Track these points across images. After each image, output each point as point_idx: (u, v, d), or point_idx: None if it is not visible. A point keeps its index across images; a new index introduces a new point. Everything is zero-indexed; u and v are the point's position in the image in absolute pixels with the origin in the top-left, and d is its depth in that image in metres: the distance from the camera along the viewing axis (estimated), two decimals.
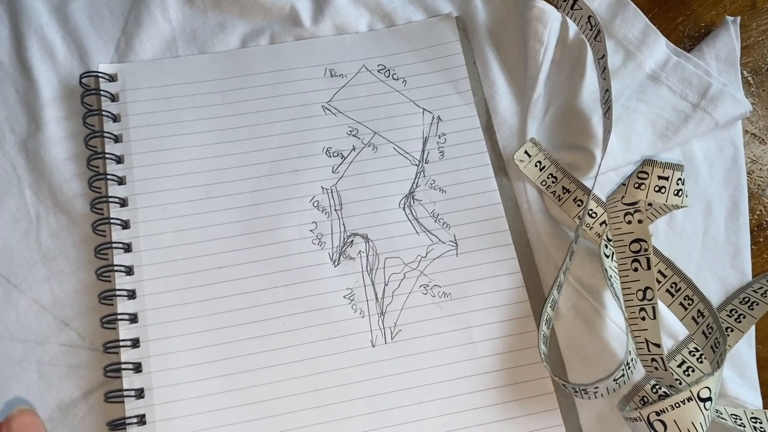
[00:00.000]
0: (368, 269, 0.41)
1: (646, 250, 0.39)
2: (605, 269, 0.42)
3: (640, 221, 0.40)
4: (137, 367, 0.38)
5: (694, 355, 0.41)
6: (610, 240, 0.43)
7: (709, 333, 0.39)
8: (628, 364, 0.39)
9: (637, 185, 0.39)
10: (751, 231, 0.45)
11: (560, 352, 0.41)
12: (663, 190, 0.39)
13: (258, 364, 0.39)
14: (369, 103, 0.45)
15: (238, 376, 0.38)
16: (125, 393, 0.37)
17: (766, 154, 0.48)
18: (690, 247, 0.44)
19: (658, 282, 0.42)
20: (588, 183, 0.44)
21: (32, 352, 0.40)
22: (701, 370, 0.41)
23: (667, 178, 0.39)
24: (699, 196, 0.45)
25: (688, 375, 0.41)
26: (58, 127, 0.44)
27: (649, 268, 0.39)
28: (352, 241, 0.42)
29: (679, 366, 0.41)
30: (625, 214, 0.40)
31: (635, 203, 0.39)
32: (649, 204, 0.41)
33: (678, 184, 0.39)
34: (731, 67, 0.48)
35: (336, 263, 0.41)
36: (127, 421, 0.37)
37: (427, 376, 0.39)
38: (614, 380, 0.38)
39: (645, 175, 0.39)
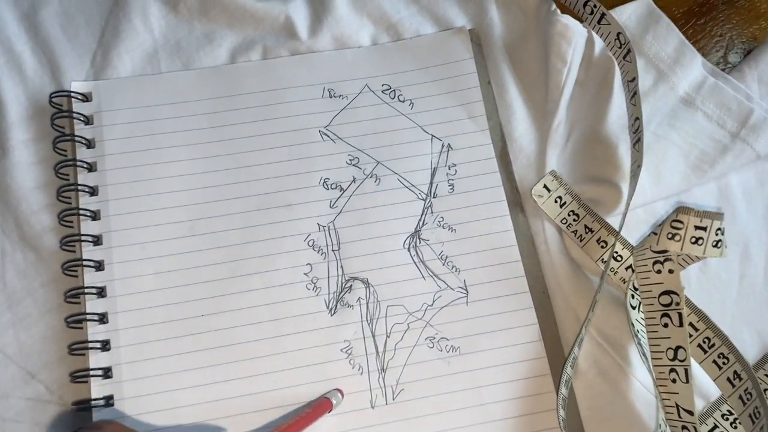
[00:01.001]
0: (368, 319, 0.37)
1: (677, 304, 0.35)
2: (631, 323, 0.38)
3: (671, 271, 0.35)
4: None
5: (727, 419, 0.37)
6: (636, 289, 0.38)
7: (748, 399, 0.35)
8: None
9: (670, 236, 0.35)
10: None
11: (579, 412, 0.37)
12: (700, 242, 0.34)
13: (245, 426, 0.35)
14: (372, 129, 0.41)
15: None
16: None
17: None
18: (724, 294, 0.40)
19: (690, 335, 0.37)
20: (613, 221, 0.39)
21: None
22: None
23: (704, 228, 0.34)
24: (736, 237, 0.41)
25: None
26: (26, 152, 0.39)
27: (681, 324, 0.35)
28: (351, 286, 0.38)
29: (711, 431, 0.37)
30: (654, 263, 0.36)
31: (666, 251, 0.35)
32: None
33: (717, 235, 0.34)
34: None
35: (332, 312, 0.37)
36: None
37: None
38: None
39: (680, 225, 0.35)
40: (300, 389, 0.36)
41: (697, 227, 0.34)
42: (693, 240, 0.34)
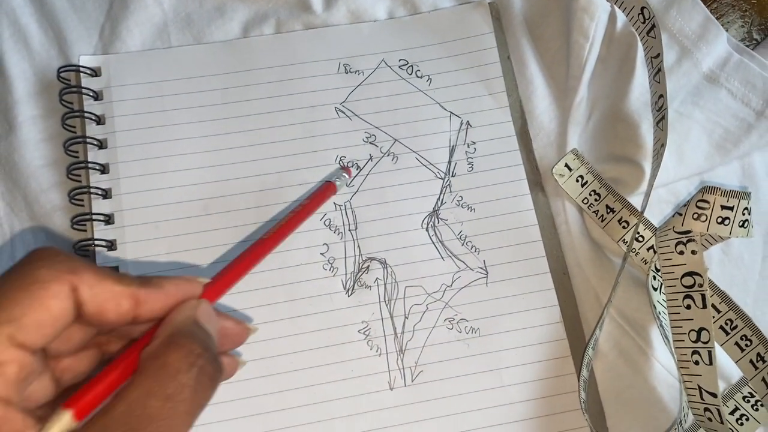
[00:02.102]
0: (386, 299, 0.37)
1: (701, 285, 0.34)
2: (653, 305, 0.37)
3: (693, 252, 0.35)
4: None
5: (749, 401, 0.37)
6: (658, 270, 0.38)
7: None
8: (681, 422, 0.34)
9: (696, 216, 0.34)
10: None
11: (599, 394, 0.37)
12: (727, 222, 0.34)
13: (262, 408, 0.35)
14: (389, 105, 0.40)
15: (240, 422, 0.34)
16: None
17: None
18: (747, 275, 0.40)
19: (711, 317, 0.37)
20: (635, 201, 0.39)
21: None
22: (757, 420, 0.37)
23: (731, 208, 0.34)
24: (759, 218, 0.40)
25: (742, 424, 0.37)
26: (34, 128, 0.38)
27: (704, 306, 0.34)
28: (369, 266, 0.37)
29: (732, 413, 0.37)
30: (677, 244, 0.35)
31: (689, 231, 0.34)
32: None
33: (744, 214, 0.34)
34: None
35: (350, 292, 0.37)
36: None
37: (451, 424, 0.35)
38: None
39: (705, 205, 0.34)
40: (317, 370, 0.35)
41: (723, 207, 0.33)
42: (719, 220, 0.33)
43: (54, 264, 0.21)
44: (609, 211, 0.39)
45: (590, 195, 0.39)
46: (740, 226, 0.34)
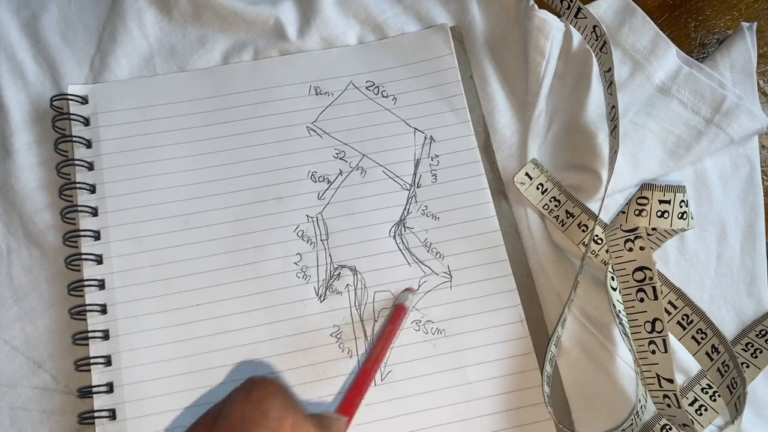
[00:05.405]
0: (356, 304, 0.39)
1: (651, 278, 0.36)
2: (612, 304, 0.39)
3: (641, 248, 0.37)
4: (112, 414, 0.36)
5: (707, 393, 0.39)
6: (615, 271, 0.40)
7: (725, 371, 0.36)
8: (637, 412, 0.36)
9: (637, 212, 0.36)
10: None
11: (563, 390, 0.38)
12: (666, 215, 0.36)
13: None
14: (357, 123, 0.43)
15: None
16: None
17: None
18: (702, 274, 0.41)
19: (669, 313, 0.39)
20: (593, 206, 0.41)
21: (3, 396, 0.37)
22: (715, 409, 0.38)
23: (668, 202, 0.36)
24: (712, 219, 0.42)
25: (701, 414, 0.38)
26: (29, 153, 0.41)
27: (656, 298, 0.36)
28: (340, 273, 0.39)
29: (691, 404, 0.39)
30: (626, 242, 0.37)
31: (635, 229, 0.36)
32: (653, 228, 0.38)
33: (681, 207, 0.36)
34: (747, 77, 0.44)
35: (322, 298, 0.39)
36: None
37: (420, 421, 0.37)
38: (622, 430, 0.35)
39: (645, 201, 0.36)
40: (292, 373, 0.37)
41: (661, 201, 0.35)
42: (659, 214, 0.36)
43: (283, 399, 0.28)
44: (569, 216, 0.41)
45: (550, 201, 0.41)
46: (679, 218, 0.36)
